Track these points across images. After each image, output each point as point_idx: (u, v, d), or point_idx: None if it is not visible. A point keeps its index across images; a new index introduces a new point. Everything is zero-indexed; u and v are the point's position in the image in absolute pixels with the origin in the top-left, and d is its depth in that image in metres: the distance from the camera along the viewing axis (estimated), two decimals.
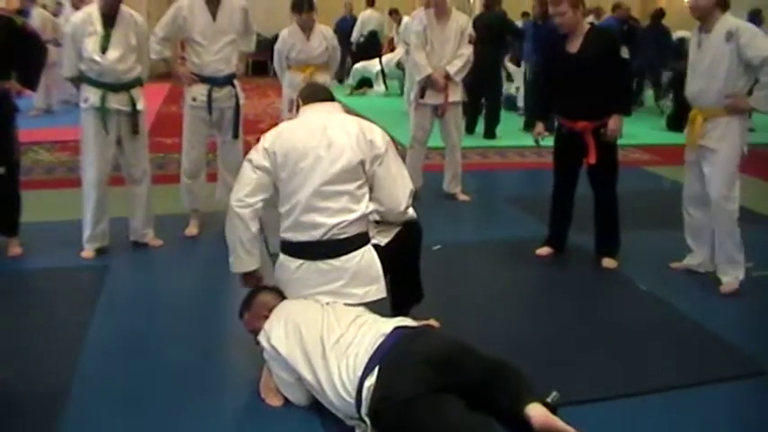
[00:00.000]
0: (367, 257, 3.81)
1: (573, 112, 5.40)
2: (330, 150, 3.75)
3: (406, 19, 12.98)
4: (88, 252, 5.57)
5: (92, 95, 5.39)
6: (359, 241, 3.81)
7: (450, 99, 7.10)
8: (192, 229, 6.16)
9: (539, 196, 6.17)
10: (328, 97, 4.09)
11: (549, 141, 5.74)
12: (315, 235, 3.75)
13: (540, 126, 5.71)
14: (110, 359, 4.03)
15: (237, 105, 6.08)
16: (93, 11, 5.39)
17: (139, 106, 5.54)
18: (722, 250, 5.09)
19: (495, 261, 5.68)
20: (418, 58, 6.96)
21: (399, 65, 14.47)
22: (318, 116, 3.92)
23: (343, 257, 3.76)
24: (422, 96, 7.04)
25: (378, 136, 3.88)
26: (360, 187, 3.80)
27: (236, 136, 6.13)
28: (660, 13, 14.05)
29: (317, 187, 3.73)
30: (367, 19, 16.94)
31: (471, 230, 5.52)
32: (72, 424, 3.37)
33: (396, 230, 4.00)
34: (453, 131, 7.31)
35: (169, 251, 5.81)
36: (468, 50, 7.06)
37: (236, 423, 3.48)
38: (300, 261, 3.80)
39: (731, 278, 5.07)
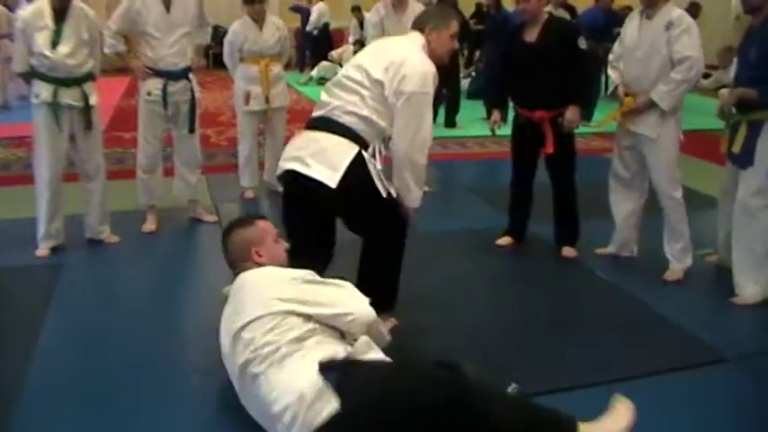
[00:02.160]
0: (344, 149, 3.84)
1: (530, 101, 5.38)
2: (375, 55, 4.04)
3: (367, 16, 12.97)
4: (43, 250, 5.49)
5: (43, 91, 5.30)
6: (349, 135, 3.87)
7: None
8: (149, 225, 6.08)
9: (499, 186, 6.16)
10: (420, 27, 4.21)
11: (506, 131, 5.73)
12: (320, 111, 4.00)
13: (495, 114, 5.69)
14: (64, 360, 3.96)
15: (193, 99, 6.00)
16: (43, 5, 5.28)
17: (92, 101, 5.45)
18: (673, 237, 5.15)
19: (456, 252, 5.67)
20: None
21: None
22: (404, 36, 4.31)
23: (325, 133, 3.89)
24: None
25: (413, 81, 3.89)
26: (372, 99, 3.90)
27: (192, 130, 6.06)
28: None
29: (343, 72, 4.07)
30: (323, 11, 17.23)
31: (432, 221, 5.47)
32: (24, 427, 3.31)
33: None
34: None
35: (126, 248, 5.73)
36: None
37: (191, 423, 3.43)
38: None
39: (680, 265, 5.15)
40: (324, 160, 3.83)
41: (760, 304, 4.70)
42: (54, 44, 5.24)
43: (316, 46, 17.44)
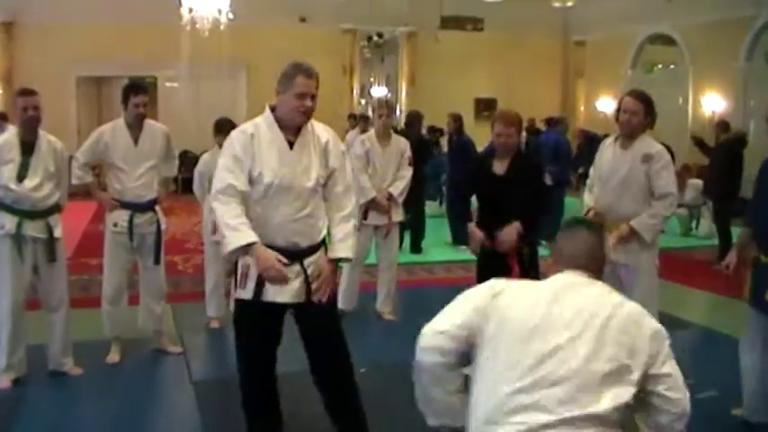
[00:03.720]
0: None
1: (495, 229, 5.45)
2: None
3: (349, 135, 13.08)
4: (4, 382, 5.38)
5: (8, 222, 5.30)
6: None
7: (394, 219, 7.24)
8: (113, 356, 6.01)
9: None
10: None
11: (472, 256, 5.76)
12: None
13: (477, 233, 5.57)
14: None
15: (159, 231, 6.02)
16: (11, 137, 5.35)
17: (56, 233, 5.46)
18: None
19: None
20: (362, 181, 6.98)
21: None
22: None
23: None
24: (365, 218, 7.08)
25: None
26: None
27: (157, 262, 6.07)
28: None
29: None
30: None
31: (396, 351, 5.45)
32: None
33: None
34: (393, 250, 7.43)
35: (89, 380, 5.64)
36: (408, 172, 7.28)
37: None
38: None
39: None
40: None
41: None
42: (20, 177, 5.27)
43: None
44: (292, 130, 4.08)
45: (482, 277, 5.62)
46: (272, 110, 4.13)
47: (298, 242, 4.07)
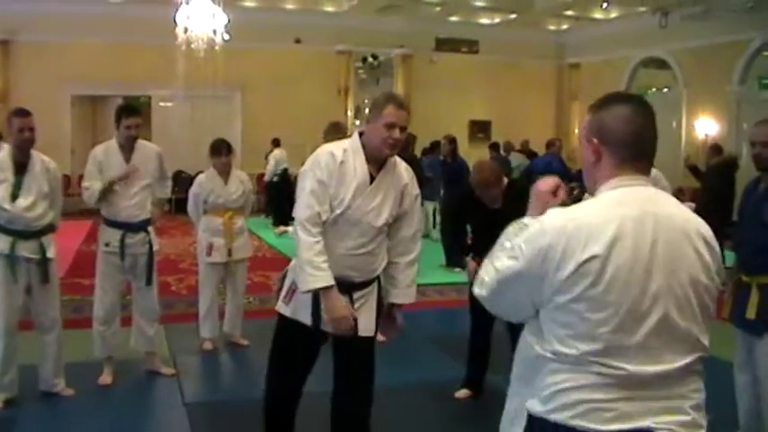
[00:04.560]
0: None
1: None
2: None
3: None
4: None
5: (1, 242, 5.29)
6: None
7: None
8: (105, 378, 5.98)
9: (458, 335, 6.18)
10: None
11: (465, 278, 5.76)
12: None
13: (473, 264, 5.53)
14: None
15: (151, 251, 6.01)
16: (4, 157, 5.35)
17: (50, 254, 5.45)
18: None
19: (414, 406, 5.63)
20: None
21: None
22: None
23: None
24: None
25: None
26: None
27: (149, 282, 6.05)
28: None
29: None
30: (279, 158, 16.84)
31: (389, 373, 5.44)
32: None
33: None
34: None
35: (81, 401, 5.61)
36: None
37: None
38: None
39: None
40: None
41: None
42: (14, 197, 5.26)
43: (273, 193, 16.88)
44: (377, 162, 3.97)
45: (476, 300, 5.64)
46: (360, 135, 4.03)
47: (352, 276, 3.97)
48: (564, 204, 2.45)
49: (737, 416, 4.76)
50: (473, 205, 5.64)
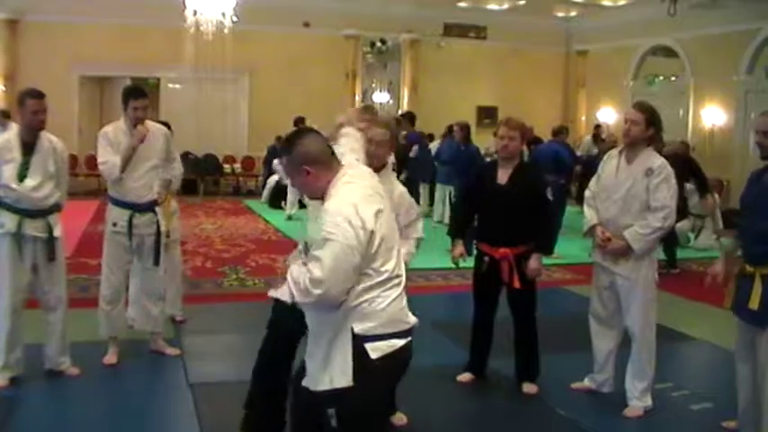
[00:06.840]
0: None
1: (494, 238, 5.48)
2: None
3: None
4: (1, 381, 5.39)
5: (8, 221, 5.32)
6: None
7: None
8: (110, 358, 6.01)
9: (461, 321, 6.19)
10: None
11: (469, 263, 5.79)
12: None
13: (459, 248, 5.71)
14: None
15: (158, 232, 6.03)
16: (12, 137, 5.37)
17: (56, 233, 5.48)
18: (637, 376, 5.15)
19: (417, 390, 5.63)
20: None
21: None
22: None
23: None
24: None
25: None
26: None
27: (156, 263, 6.07)
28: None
29: None
30: None
31: None
32: None
33: None
34: None
35: (86, 381, 5.65)
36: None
37: None
38: None
39: (640, 403, 5.14)
40: None
41: None
42: (21, 177, 5.29)
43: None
44: None
45: (480, 283, 5.68)
46: None
47: None
48: None
49: (737, 404, 4.79)
50: (482, 183, 5.66)
